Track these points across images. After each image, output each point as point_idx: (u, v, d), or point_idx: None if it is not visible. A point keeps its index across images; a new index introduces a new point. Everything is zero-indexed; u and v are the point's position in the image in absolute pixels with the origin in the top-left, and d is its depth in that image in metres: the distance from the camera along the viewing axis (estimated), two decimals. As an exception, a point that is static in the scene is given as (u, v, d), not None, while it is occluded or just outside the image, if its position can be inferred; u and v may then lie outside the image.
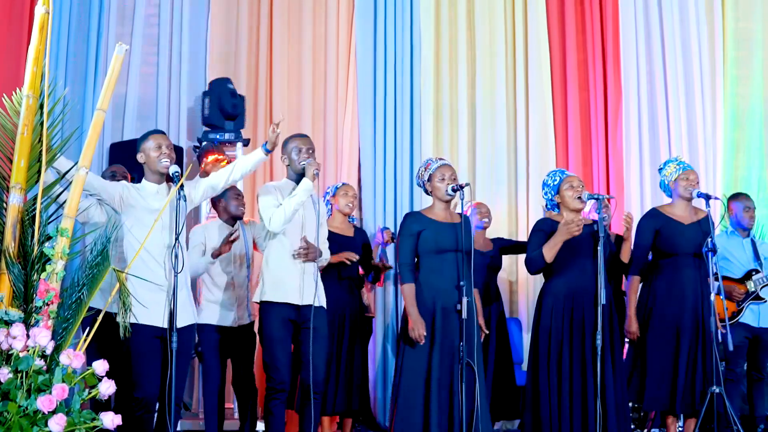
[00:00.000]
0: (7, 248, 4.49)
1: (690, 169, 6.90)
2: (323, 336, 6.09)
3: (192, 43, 9.35)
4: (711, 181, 9.64)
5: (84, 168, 4.73)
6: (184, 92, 9.24)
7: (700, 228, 6.75)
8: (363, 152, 9.39)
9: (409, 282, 6.13)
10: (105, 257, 4.64)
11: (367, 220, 9.02)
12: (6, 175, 4.68)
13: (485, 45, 9.74)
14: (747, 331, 7.29)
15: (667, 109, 9.75)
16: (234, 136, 8.73)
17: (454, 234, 6.13)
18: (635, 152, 9.65)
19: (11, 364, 4.23)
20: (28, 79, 4.71)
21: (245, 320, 6.92)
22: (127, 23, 9.23)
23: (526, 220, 9.39)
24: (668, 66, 9.78)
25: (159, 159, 5.68)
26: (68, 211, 4.62)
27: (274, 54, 9.52)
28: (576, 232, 6.24)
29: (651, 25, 9.87)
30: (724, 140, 9.80)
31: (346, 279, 7.13)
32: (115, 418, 4.32)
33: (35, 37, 4.73)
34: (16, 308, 4.42)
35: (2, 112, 4.79)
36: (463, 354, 5.91)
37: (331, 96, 9.53)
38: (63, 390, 4.23)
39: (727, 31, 9.96)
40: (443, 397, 5.97)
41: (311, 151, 6.07)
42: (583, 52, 9.82)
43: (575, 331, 6.36)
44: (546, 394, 6.35)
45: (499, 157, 9.63)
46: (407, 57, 9.49)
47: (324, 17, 9.62)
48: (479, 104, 9.66)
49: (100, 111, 4.83)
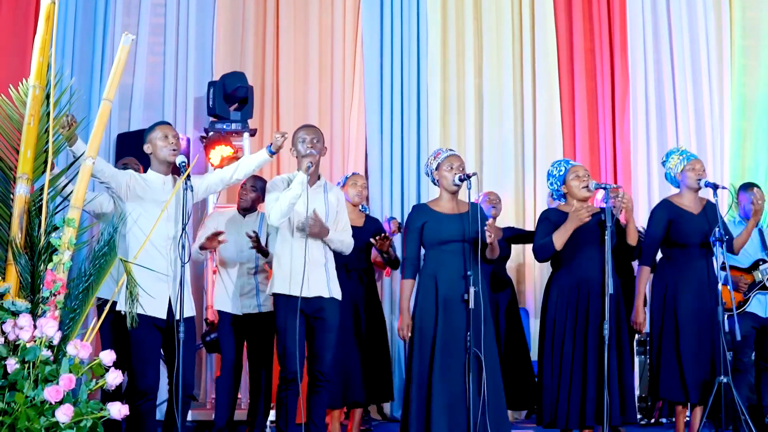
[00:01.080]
0: (14, 239, 4.49)
1: (694, 159, 6.88)
2: (332, 327, 6.08)
3: (198, 33, 9.34)
4: (718, 170, 9.63)
5: (90, 158, 4.73)
6: (191, 82, 9.23)
7: (707, 217, 6.74)
8: (370, 143, 9.39)
9: (408, 278, 6.18)
10: (112, 247, 4.64)
11: (374, 210, 9.00)
12: (13, 165, 4.68)
13: (492, 34, 9.72)
14: (754, 321, 7.29)
15: (675, 98, 9.73)
16: (241, 126, 8.72)
17: (459, 224, 6.12)
18: (642, 141, 9.64)
19: (18, 355, 4.23)
20: (34, 69, 4.70)
21: (253, 309, 6.93)
22: (134, 13, 9.23)
23: (533, 209, 9.38)
24: (675, 55, 9.77)
25: (165, 149, 5.68)
26: (75, 202, 4.62)
27: (280, 44, 9.51)
28: (586, 219, 6.23)
29: (658, 14, 9.85)
30: (732, 129, 9.78)
31: (354, 270, 7.12)
32: (122, 408, 4.33)
33: (41, 27, 4.72)
34: (23, 299, 4.42)
35: (9, 102, 4.78)
36: (470, 344, 5.91)
37: (338, 86, 9.53)
38: (70, 380, 4.23)
39: (735, 20, 9.94)
40: (447, 389, 5.96)
41: (315, 141, 6.03)
42: (590, 41, 9.80)
43: (582, 321, 6.35)
44: (555, 384, 6.35)
45: (506, 146, 9.62)
46: (414, 47, 9.48)
47: (330, 8, 9.61)
48: (486, 94, 9.65)
49: (107, 101, 4.82)
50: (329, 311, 6.05)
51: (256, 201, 7.16)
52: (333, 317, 6.08)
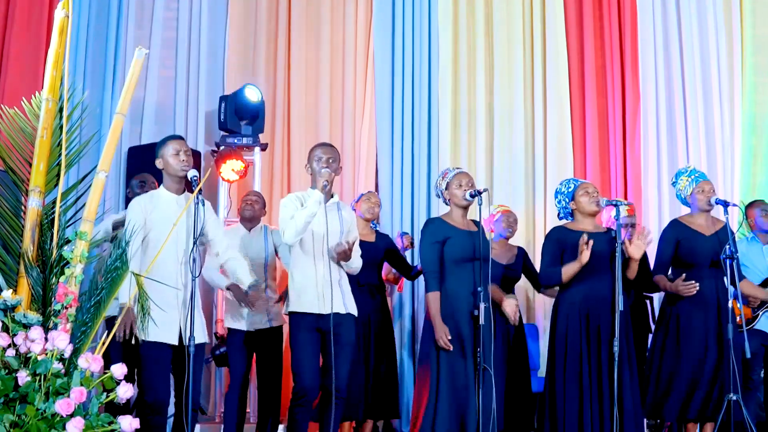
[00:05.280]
0: (26, 251, 4.50)
1: (703, 180, 6.86)
2: (348, 343, 6.07)
3: (210, 47, 9.36)
4: (729, 187, 9.60)
5: (103, 172, 4.73)
6: (202, 96, 9.24)
7: (719, 239, 6.72)
8: (380, 157, 9.38)
9: (434, 290, 6.17)
10: (123, 261, 4.64)
11: (385, 225, 8.98)
12: (25, 178, 4.69)
13: (503, 50, 9.72)
14: (763, 338, 7.28)
15: (685, 115, 9.72)
16: (252, 140, 8.74)
17: (471, 242, 6.16)
18: (653, 158, 9.62)
19: (30, 367, 4.23)
20: (47, 82, 4.72)
21: (263, 325, 6.94)
22: (146, 26, 9.25)
23: (543, 226, 9.34)
24: (686, 72, 9.76)
25: (177, 165, 5.69)
26: (87, 215, 4.63)
27: (292, 58, 9.52)
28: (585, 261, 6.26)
29: (669, 32, 9.85)
30: (742, 147, 9.76)
31: (365, 285, 7.12)
32: (133, 422, 4.32)
33: (55, 40, 4.75)
34: (34, 311, 4.43)
35: (22, 115, 4.80)
36: (480, 360, 5.92)
37: (349, 101, 9.54)
38: (81, 393, 4.23)
39: (746, 38, 9.93)
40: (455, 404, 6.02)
41: (331, 160, 6.03)
42: (601, 58, 9.79)
43: (592, 338, 6.35)
44: (563, 402, 6.35)
45: (517, 162, 9.60)
46: (425, 62, 9.48)
47: (342, 22, 9.63)
48: (497, 110, 9.63)
49: (120, 115, 4.83)
50: (345, 327, 6.05)
51: (259, 213, 7.20)
52: (349, 333, 6.08)
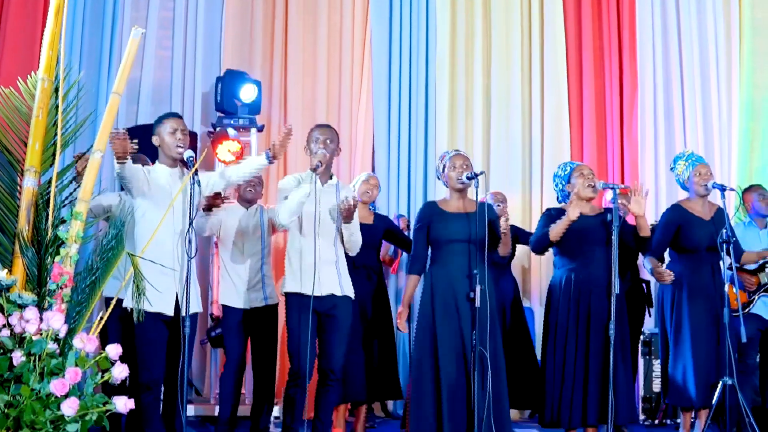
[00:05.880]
0: (21, 232, 4.49)
1: (700, 163, 6.87)
2: (344, 325, 6.09)
3: (207, 28, 9.31)
4: (726, 171, 9.62)
5: (99, 151, 4.72)
6: (199, 77, 9.20)
7: (715, 224, 6.73)
8: (377, 142, 9.38)
9: (413, 273, 6.27)
10: (119, 241, 4.63)
11: (381, 209, 8.97)
12: (21, 158, 4.67)
13: (501, 34, 9.71)
14: (760, 323, 7.29)
15: (683, 98, 9.73)
16: (248, 121, 8.71)
17: (465, 223, 6.15)
18: (650, 141, 9.63)
19: (24, 348, 4.22)
20: (43, 62, 4.69)
21: (260, 302, 6.93)
22: (142, 7, 9.19)
23: (540, 210, 9.32)
24: (684, 55, 9.76)
25: (173, 144, 5.68)
26: (82, 195, 4.61)
27: (289, 40, 9.48)
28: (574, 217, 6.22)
29: (667, 14, 9.85)
30: (740, 130, 9.77)
31: (362, 267, 7.12)
32: (128, 402, 4.32)
33: (51, 20, 4.71)
34: (29, 292, 4.41)
35: (17, 95, 4.77)
36: (476, 342, 5.91)
37: (346, 85, 9.51)
38: (76, 374, 4.22)
39: (744, 21, 9.92)
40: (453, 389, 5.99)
41: (328, 141, 6.05)
42: (598, 40, 9.79)
43: (586, 320, 6.34)
44: (558, 383, 6.35)
45: (514, 146, 9.61)
46: (422, 46, 9.48)
47: (339, 6, 9.60)
48: (494, 94, 9.64)
49: (116, 95, 4.81)
50: (341, 309, 6.07)
51: (258, 194, 7.21)
52: (345, 315, 6.10)
